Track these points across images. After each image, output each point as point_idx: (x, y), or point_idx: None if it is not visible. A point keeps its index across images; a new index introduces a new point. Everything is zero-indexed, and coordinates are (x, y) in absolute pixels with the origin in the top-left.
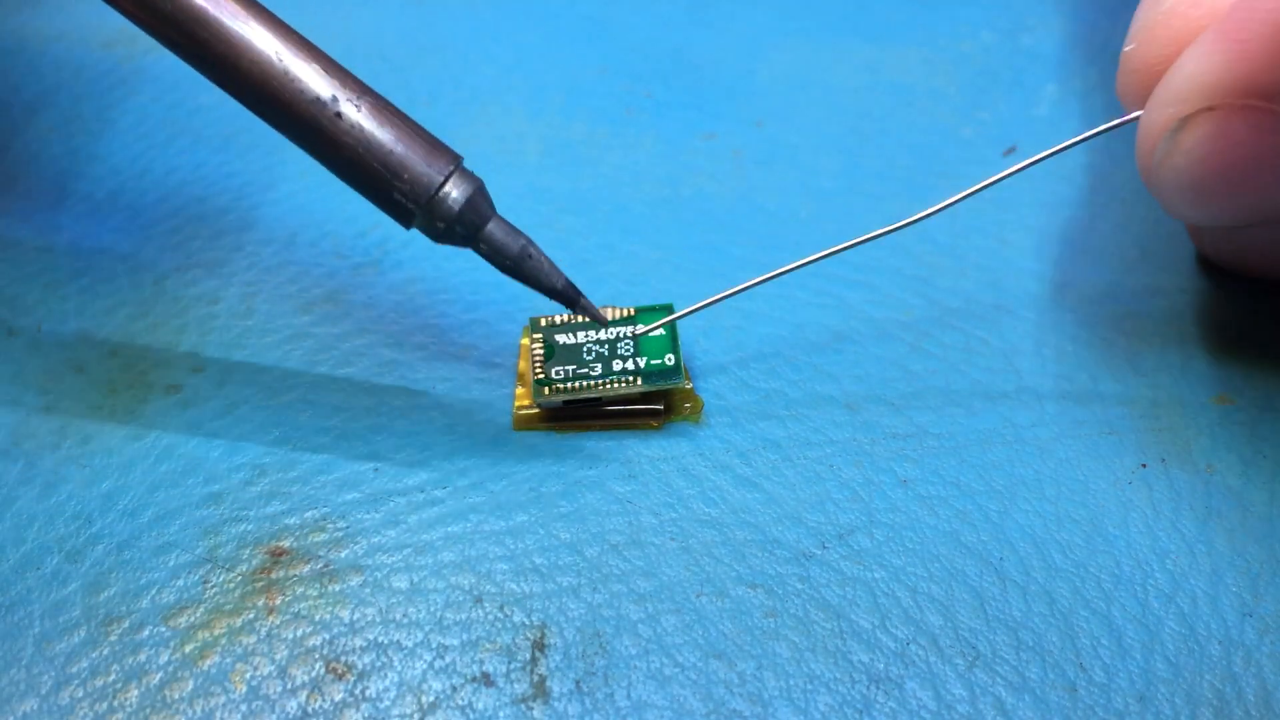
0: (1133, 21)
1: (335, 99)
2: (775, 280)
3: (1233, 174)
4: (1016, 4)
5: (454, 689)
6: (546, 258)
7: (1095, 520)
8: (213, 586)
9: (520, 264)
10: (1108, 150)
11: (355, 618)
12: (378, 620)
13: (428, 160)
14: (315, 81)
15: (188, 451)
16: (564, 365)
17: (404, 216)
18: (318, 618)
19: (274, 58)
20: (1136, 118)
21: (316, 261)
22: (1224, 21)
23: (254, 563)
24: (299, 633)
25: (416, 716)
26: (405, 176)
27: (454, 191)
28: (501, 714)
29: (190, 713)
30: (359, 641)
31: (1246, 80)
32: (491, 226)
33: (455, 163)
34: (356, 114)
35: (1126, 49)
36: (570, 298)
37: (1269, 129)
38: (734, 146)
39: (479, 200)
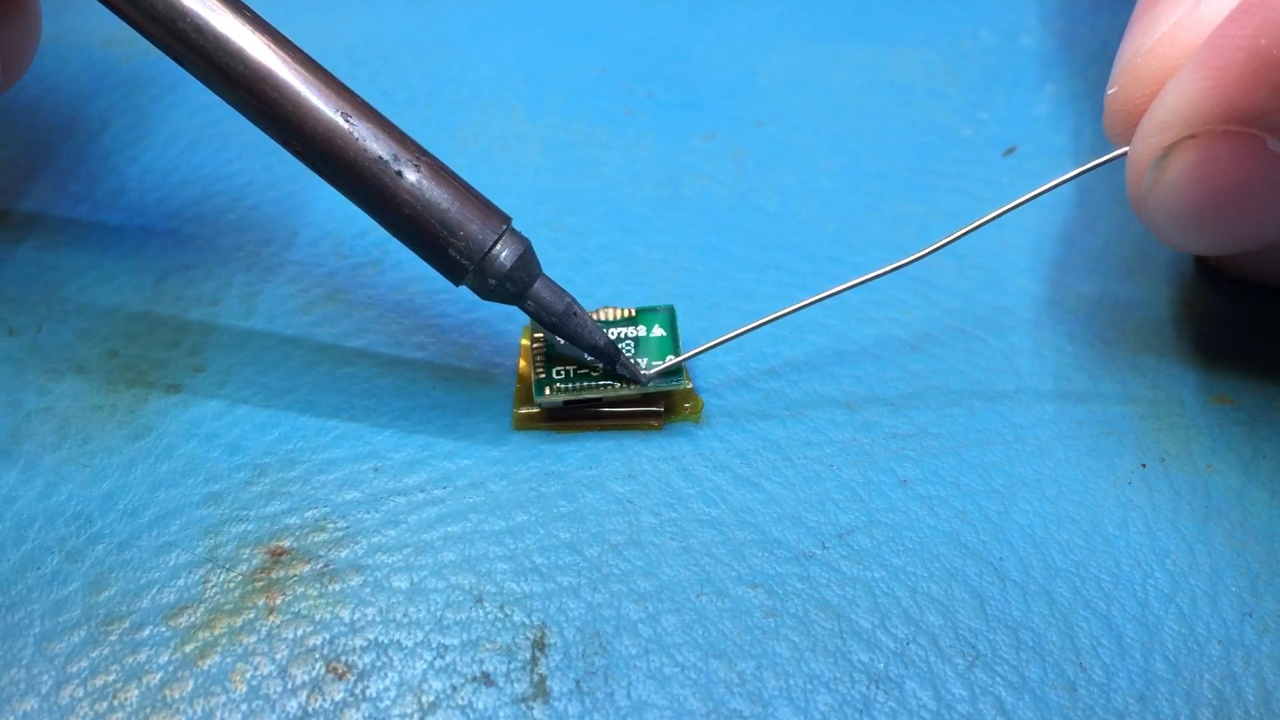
0: (1114, 64)
1: (397, 158)
2: (775, 280)
3: (1218, 199)
4: (1016, 4)
5: (454, 689)
6: (589, 315)
7: (1095, 520)
8: (213, 586)
9: (565, 321)
10: (1106, 151)
11: (355, 617)
12: (378, 620)
13: (482, 220)
14: (378, 142)
15: (188, 451)
16: (564, 365)
17: (456, 273)
18: (318, 617)
19: (340, 118)
20: (1124, 153)
21: (316, 261)
22: (1201, 50)
23: (254, 562)
24: (299, 632)
25: (416, 716)
26: (461, 234)
27: (505, 250)
28: (501, 714)
29: (190, 712)
30: (359, 641)
31: (1226, 106)
32: (539, 285)
33: (506, 223)
34: (416, 174)
35: (1110, 92)
36: (610, 355)
37: (1250, 153)
38: (734, 146)
39: (528, 259)
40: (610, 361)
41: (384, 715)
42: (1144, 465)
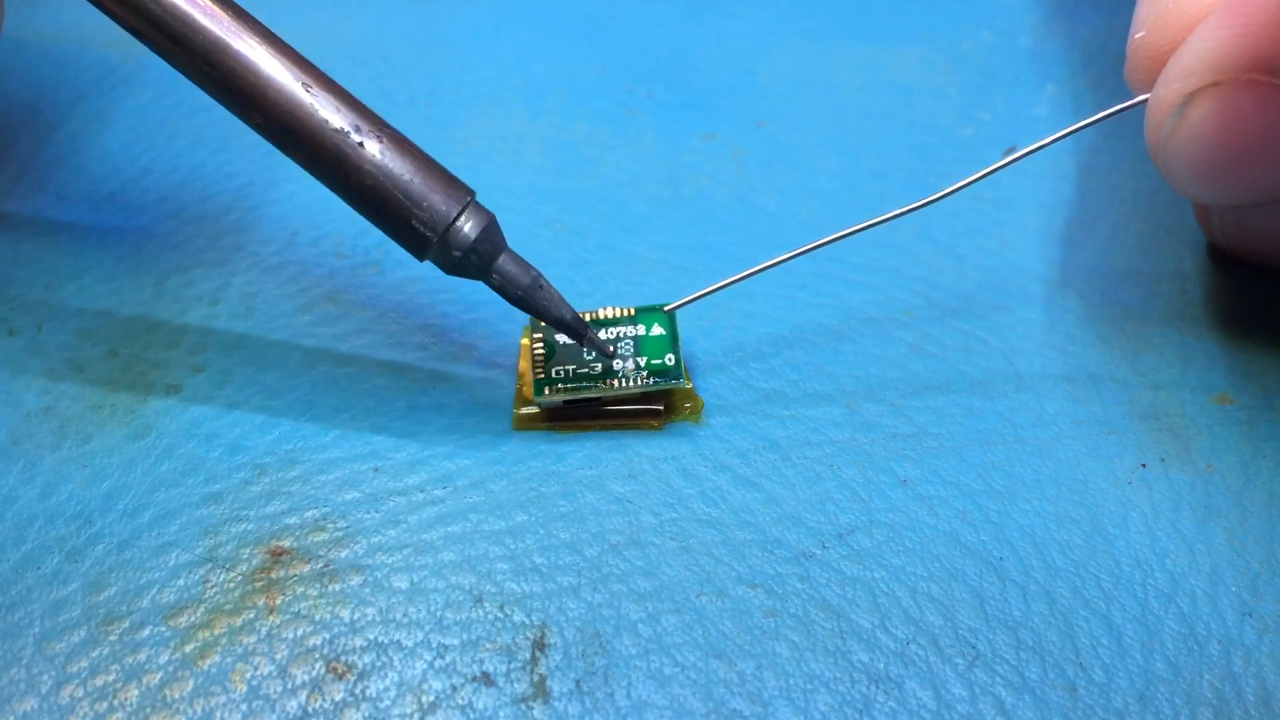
0: (1138, 9)
1: (359, 129)
2: (775, 280)
3: (1238, 149)
4: (1016, 4)
5: (454, 689)
6: (555, 290)
7: (1095, 520)
8: (213, 586)
9: (531, 295)
10: (1107, 151)
11: (355, 617)
12: (378, 620)
13: (445, 191)
14: (339, 113)
15: (188, 451)
16: (564, 365)
17: (420, 246)
18: (318, 617)
19: (301, 89)
20: (1144, 100)
21: (316, 261)
22: None
23: (254, 562)
24: (299, 632)
25: (416, 716)
26: (424, 205)
27: (469, 222)
28: (501, 714)
29: (190, 712)
30: (359, 641)
31: (1251, 55)
32: (504, 258)
33: (470, 195)
34: (378, 144)
35: (1136, 36)
36: (578, 330)
37: (1271, 103)
38: (734, 146)
39: (493, 232)
40: (578, 336)
41: (384, 715)
42: (1144, 465)
